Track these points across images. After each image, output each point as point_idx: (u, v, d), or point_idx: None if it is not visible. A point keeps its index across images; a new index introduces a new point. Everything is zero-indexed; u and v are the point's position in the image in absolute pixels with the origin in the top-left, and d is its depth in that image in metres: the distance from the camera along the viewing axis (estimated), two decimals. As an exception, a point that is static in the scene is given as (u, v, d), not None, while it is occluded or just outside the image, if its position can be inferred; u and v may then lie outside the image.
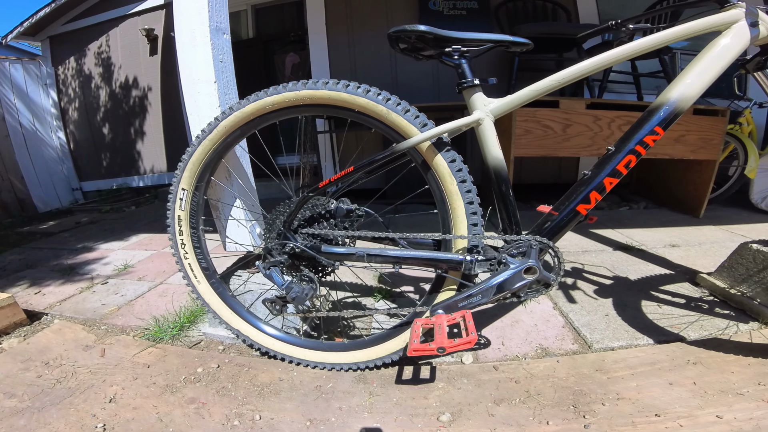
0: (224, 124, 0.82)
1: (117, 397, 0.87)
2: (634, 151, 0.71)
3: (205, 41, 0.97)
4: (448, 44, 0.75)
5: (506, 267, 0.69)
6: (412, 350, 0.62)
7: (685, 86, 0.72)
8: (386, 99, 0.74)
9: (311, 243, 0.77)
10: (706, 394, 0.76)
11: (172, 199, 0.91)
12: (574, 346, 0.97)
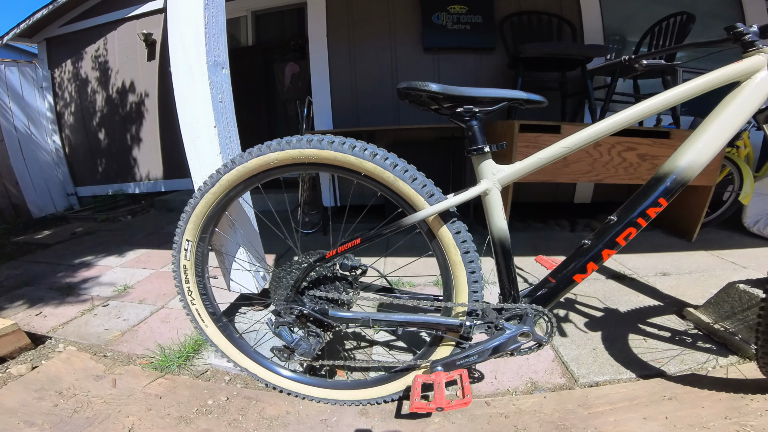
0: (227, 177, 0.85)
1: (135, 428, 0.96)
2: (635, 223, 0.74)
3: (203, 79, 0.98)
4: (460, 104, 0.77)
5: (503, 331, 0.77)
6: (414, 408, 0.70)
7: (695, 152, 0.72)
8: (393, 165, 0.77)
9: (319, 306, 0.84)
10: (675, 428, 0.85)
11: (176, 249, 0.96)
12: (562, 380, 1.06)
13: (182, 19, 0.97)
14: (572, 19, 2.68)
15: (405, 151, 2.58)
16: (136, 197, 3.78)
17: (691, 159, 0.73)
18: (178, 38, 0.98)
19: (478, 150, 0.78)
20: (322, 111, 2.75)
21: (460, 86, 0.76)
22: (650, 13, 2.73)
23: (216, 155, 1.02)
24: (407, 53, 2.71)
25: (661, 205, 0.74)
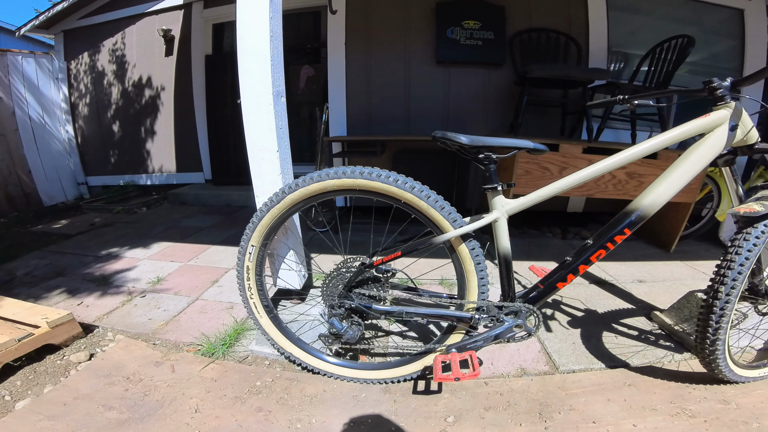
0: (291, 197, 1.08)
1: (200, 408, 1.14)
2: (605, 246, 1.01)
3: (269, 108, 1.19)
4: (482, 151, 1.01)
5: (502, 323, 1.04)
6: (437, 378, 0.98)
7: (656, 195, 0.99)
8: (427, 196, 1.01)
9: (364, 302, 1.10)
10: (631, 408, 1.14)
11: (242, 252, 1.19)
12: (546, 368, 1.35)
13: (251, 54, 1.18)
14: (579, 38, 2.93)
15: (414, 158, 2.86)
16: (146, 189, 3.99)
17: (652, 200, 1.01)
18: (247, 72, 1.19)
19: (493, 188, 1.04)
20: (337, 117, 2.99)
21: (482, 136, 1.02)
22: (654, 32, 2.99)
23: (277, 175, 1.24)
24: (420, 65, 2.94)
25: (625, 234, 1.02)
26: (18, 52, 3.49)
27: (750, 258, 0.99)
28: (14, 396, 1.20)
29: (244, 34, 1.15)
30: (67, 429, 1.04)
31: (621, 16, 3.02)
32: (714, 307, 1.00)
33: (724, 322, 1.00)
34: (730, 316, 1.01)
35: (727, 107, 0.99)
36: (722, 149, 1.02)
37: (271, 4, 1.17)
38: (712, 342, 1.03)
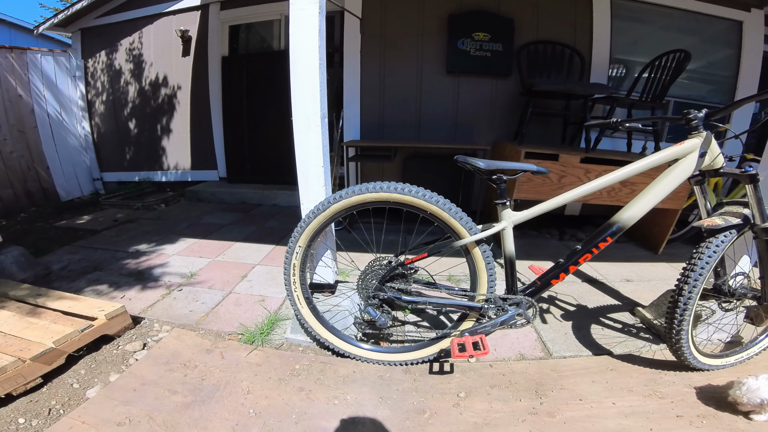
0: (335, 206, 1.30)
1: (251, 389, 1.33)
2: (591, 251, 1.26)
3: (317, 129, 1.39)
4: (496, 173, 1.25)
5: (506, 312, 1.29)
6: (454, 356, 1.22)
7: (634, 211, 1.24)
8: (449, 209, 1.24)
9: (395, 294, 1.34)
10: (612, 389, 1.38)
11: (289, 252, 1.41)
12: (541, 354, 1.60)
13: (302, 79, 1.35)
14: (583, 50, 3.14)
15: (424, 162, 3.09)
16: (161, 185, 4.19)
17: (630, 215, 1.26)
18: (299, 95, 1.37)
19: (503, 203, 1.28)
20: (351, 122, 3.21)
21: (496, 161, 1.25)
22: (655, 43, 3.24)
23: (321, 186, 1.44)
24: (432, 74, 3.15)
25: (607, 241, 1.27)
26: (37, 50, 3.66)
27: (710, 263, 1.22)
28: (82, 384, 1.37)
29: (297, 59, 1.36)
30: (142, 412, 1.22)
31: (625, 26, 3.24)
32: (679, 303, 1.25)
33: (687, 315, 1.25)
34: (692, 311, 1.25)
35: (699, 136, 1.22)
36: (691, 173, 1.26)
37: (320, 34, 1.38)
38: (677, 332, 1.28)
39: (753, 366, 1.46)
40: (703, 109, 1.25)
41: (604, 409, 1.27)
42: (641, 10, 3.23)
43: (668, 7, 3.21)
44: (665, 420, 1.21)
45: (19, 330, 1.43)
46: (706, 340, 1.58)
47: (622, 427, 1.19)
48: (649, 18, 3.30)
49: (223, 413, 1.24)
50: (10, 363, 1.23)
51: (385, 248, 1.65)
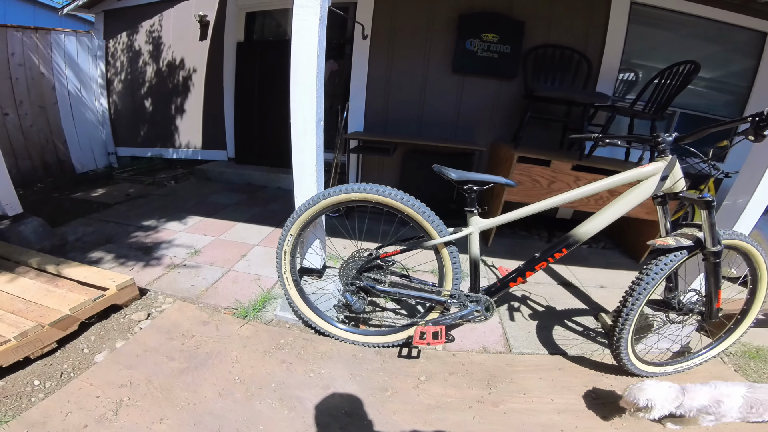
0: (324, 202, 1.46)
1: (239, 359, 1.52)
2: (547, 260, 1.40)
3: (312, 132, 1.53)
4: (467, 183, 1.39)
5: (466, 308, 1.45)
6: (415, 342, 1.40)
7: (591, 226, 1.37)
8: (423, 212, 1.39)
9: (370, 283, 1.51)
10: (555, 387, 1.52)
11: (282, 239, 1.59)
12: (502, 349, 1.76)
13: (301, 87, 1.46)
14: (593, 56, 3.14)
15: (422, 158, 3.21)
16: (172, 162, 4.41)
17: (586, 230, 1.38)
18: (298, 102, 1.49)
19: (471, 211, 1.42)
20: (356, 115, 3.33)
21: (468, 172, 1.38)
22: (670, 52, 3.22)
23: (314, 183, 1.58)
24: (437, 72, 3.22)
25: (563, 252, 1.40)
26: (61, 30, 3.84)
27: (655, 279, 1.33)
28: (91, 349, 1.57)
29: (297, 67, 1.48)
30: (143, 376, 1.41)
31: (641, 33, 3.21)
32: (621, 313, 1.39)
33: (628, 324, 1.39)
34: (633, 321, 1.39)
35: (664, 160, 1.31)
36: (650, 195, 1.36)
37: (318, 45, 1.49)
38: (617, 339, 1.42)
39: (691, 375, 1.61)
40: (674, 133, 1.34)
41: (542, 404, 1.43)
42: (661, 17, 3.19)
43: (691, 15, 3.14)
44: (592, 419, 1.37)
45: (39, 297, 1.64)
46: (655, 348, 1.71)
47: (552, 421, 1.35)
48: (668, 25, 3.26)
49: (212, 379, 1.44)
50: (31, 328, 1.43)
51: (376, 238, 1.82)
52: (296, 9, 1.42)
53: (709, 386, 1.22)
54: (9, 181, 2.27)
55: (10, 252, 2.00)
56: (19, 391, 1.30)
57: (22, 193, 3.45)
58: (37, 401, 1.26)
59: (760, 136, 1.16)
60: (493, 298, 1.49)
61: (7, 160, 3.48)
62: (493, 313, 1.49)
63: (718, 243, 1.31)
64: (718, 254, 1.33)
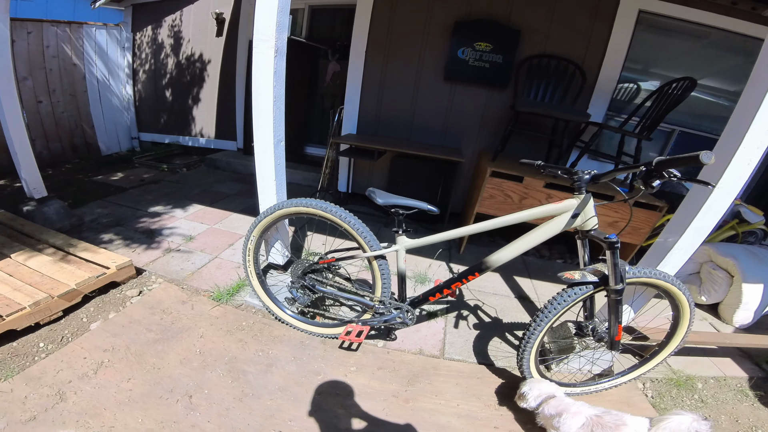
0: (278, 212, 1.73)
1: (204, 334, 1.86)
2: (461, 281, 1.59)
3: (270, 153, 1.81)
4: (393, 207, 1.60)
5: (390, 314, 1.69)
6: (341, 337, 1.67)
7: (503, 254, 1.54)
8: (357, 228, 1.61)
9: (314, 283, 1.79)
10: (466, 393, 1.73)
11: (246, 239, 1.89)
12: (437, 353, 1.99)
13: (261, 113, 1.74)
14: (591, 68, 3.14)
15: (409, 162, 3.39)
16: (188, 149, 4.85)
17: (497, 259, 1.56)
18: (259, 126, 1.79)
19: (397, 231, 1.64)
20: (350, 117, 3.55)
21: (393, 197, 1.60)
22: (677, 66, 3.20)
23: (273, 195, 1.87)
24: (429, 79, 3.35)
25: (476, 275, 1.60)
26: (93, 24, 4.29)
27: (557, 309, 1.49)
28: (89, 318, 1.93)
29: (257, 96, 1.74)
30: (123, 343, 1.76)
31: (647, 45, 3.17)
32: (526, 334, 1.57)
33: (530, 345, 1.57)
34: (536, 342, 1.56)
35: (578, 197, 1.43)
36: (560, 231, 1.49)
37: (275, 76, 1.73)
38: (521, 357, 1.61)
39: (599, 397, 1.77)
40: (593, 171, 1.43)
41: (447, 407, 1.65)
42: (672, 27, 3.12)
43: (702, 25, 3.04)
44: (484, 428, 1.57)
45: (53, 272, 2.04)
46: (577, 369, 1.88)
47: (449, 424, 1.57)
48: (677, 36, 3.18)
49: (178, 349, 1.79)
50: (43, 298, 1.82)
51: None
52: (255, 42, 1.66)
53: (564, 401, 1.41)
54: (36, 169, 2.71)
55: (33, 230, 2.44)
56: (27, 351, 1.68)
57: (51, 173, 4.02)
58: (39, 360, 1.63)
59: (649, 186, 1.27)
60: (415, 308, 1.72)
61: (40, 142, 4.07)
62: (413, 320, 1.73)
63: (621, 281, 1.41)
64: (620, 292, 1.43)
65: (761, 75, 1.48)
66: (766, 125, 1.47)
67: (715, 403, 1.94)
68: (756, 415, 1.89)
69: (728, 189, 1.58)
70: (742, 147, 1.50)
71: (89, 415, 1.38)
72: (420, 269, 2.72)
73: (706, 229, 1.66)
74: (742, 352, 2.36)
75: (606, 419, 1.30)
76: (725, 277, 2.75)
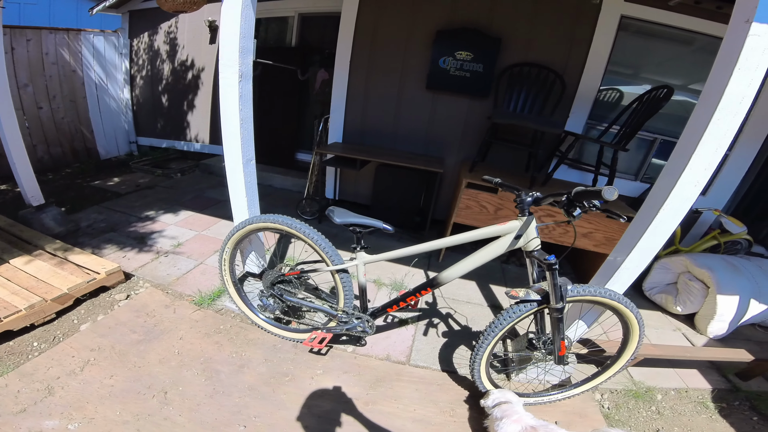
0: (248, 227, 1.91)
1: (184, 336, 2.05)
2: (414, 295, 1.76)
3: (240, 173, 2.00)
4: (351, 226, 1.75)
5: (351, 323, 1.87)
6: (305, 343, 1.86)
7: (452, 272, 1.67)
8: (320, 244, 1.78)
9: (284, 292, 1.97)
10: (424, 399, 1.88)
11: (221, 250, 2.07)
12: (403, 359, 2.15)
13: (231, 135, 1.93)
14: (572, 76, 3.25)
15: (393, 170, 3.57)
16: (184, 154, 5.08)
17: (446, 276, 1.70)
18: (228, 146, 1.98)
19: (355, 248, 1.80)
20: (336, 126, 3.73)
21: (350, 216, 1.77)
22: (661, 72, 3.28)
23: (245, 210, 2.07)
24: (412, 88, 3.50)
25: (428, 290, 1.76)
26: (90, 31, 4.52)
27: (503, 324, 1.63)
28: (79, 320, 2.12)
29: (225, 121, 1.92)
30: (109, 343, 1.96)
31: (629, 51, 3.26)
32: (476, 346, 1.73)
33: (479, 355, 1.72)
34: (485, 353, 1.70)
35: (520, 219, 1.57)
36: (504, 251, 1.62)
37: (240, 99, 1.88)
38: (472, 365, 1.77)
39: (553, 408, 1.91)
40: (535, 194, 1.55)
41: (405, 411, 1.81)
42: (655, 32, 3.19)
43: (689, 31, 3.11)
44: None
45: (48, 277, 2.25)
46: (536, 380, 2.03)
47: (404, 427, 1.72)
48: (661, 42, 3.26)
49: (159, 349, 1.99)
50: (38, 301, 2.03)
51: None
52: (220, 67, 1.84)
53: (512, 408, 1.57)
54: (33, 179, 2.94)
55: (31, 236, 2.67)
56: (22, 350, 1.90)
57: (51, 177, 4.28)
58: (33, 358, 1.84)
59: (570, 215, 1.43)
60: (375, 318, 1.90)
61: (41, 147, 4.33)
62: (373, 329, 1.91)
63: (561, 300, 1.52)
64: (560, 310, 1.55)
65: (708, 98, 1.49)
66: (713, 147, 1.49)
67: (672, 415, 2.03)
68: (712, 427, 1.98)
69: (674, 210, 1.62)
70: (688, 169, 1.53)
71: (73, 407, 1.58)
72: (397, 277, 2.90)
73: (653, 250, 1.72)
74: (711, 364, 2.44)
75: (540, 431, 1.43)
76: (701, 288, 2.87)
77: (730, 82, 1.40)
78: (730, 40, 1.44)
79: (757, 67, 1.38)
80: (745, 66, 1.38)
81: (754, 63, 1.38)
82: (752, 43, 1.36)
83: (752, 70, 1.38)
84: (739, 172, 3.45)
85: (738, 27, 1.40)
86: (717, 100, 1.43)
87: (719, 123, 1.45)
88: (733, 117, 1.44)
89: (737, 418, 2.07)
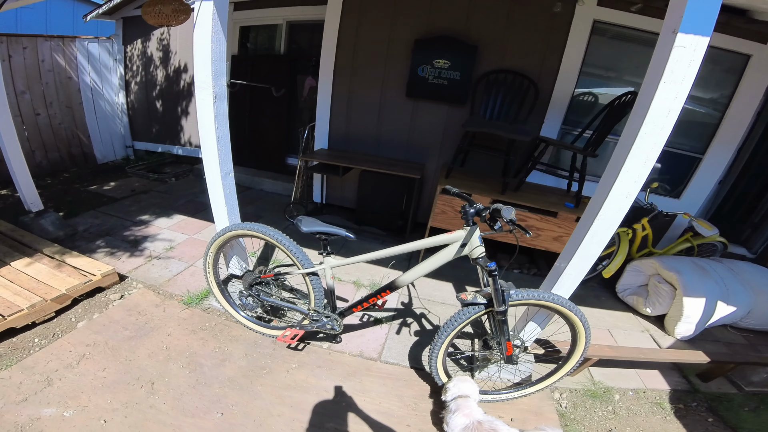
0: (228, 234, 2.14)
1: (172, 333, 2.30)
2: (376, 297, 1.98)
3: (219, 184, 2.22)
4: (317, 234, 1.97)
5: (321, 321, 2.10)
6: (279, 339, 2.10)
7: (408, 276, 1.89)
8: (290, 249, 2.00)
9: (261, 293, 2.21)
10: (389, 393, 2.08)
11: (205, 254, 2.30)
12: (375, 355, 2.37)
13: (209, 150, 2.17)
14: (546, 83, 3.42)
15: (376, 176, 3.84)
16: (179, 158, 5.33)
17: (403, 279, 1.92)
18: (207, 162, 2.20)
19: (322, 253, 2.02)
20: (321, 133, 3.95)
21: (318, 225, 2.00)
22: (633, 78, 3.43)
23: (225, 218, 2.30)
24: (393, 96, 3.70)
25: (387, 293, 1.97)
26: (85, 38, 4.74)
27: (453, 326, 1.82)
28: (77, 318, 2.35)
29: (203, 138, 2.15)
30: (102, 339, 2.20)
31: (602, 56, 3.42)
32: (433, 342, 1.94)
33: (435, 353, 1.93)
34: (439, 351, 1.90)
35: (465, 229, 1.76)
36: (452, 258, 1.80)
37: (216, 119, 2.09)
38: (429, 363, 1.98)
39: (511, 406, 2.10)
40: (478, 205, 1.74)
41: (370, 404, 1.99)
42: (628, 37, 3.33)
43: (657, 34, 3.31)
44: (398, 425, 1.91)
45: (47, 279, 2.50)
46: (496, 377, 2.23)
47: (368, 419, 1.93)
48: (635, 47, 3.40)
49: (148, 345, 2.22)
50: (39, 301, 2.27)
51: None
52: (196, 89, 2.05)
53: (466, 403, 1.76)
54: (33, 187, 3.19)
55: (31, 241, 2.93)
56: (24, 345, 2.14)
57: (49, 182, 4.54)
58: (33, 353, 2.08)
59: (492, 227, 1.65)
60: (343, 317, 2.13)
61: (39, 153, 4.59)
62: (340, 327, 2.14)
63: (504, 304, 1.70)
64: (503, 313, 1.74)
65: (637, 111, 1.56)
66: (641, 160, 1.58)
67: (627, 415, 2.16)
68: (664, 428, 2.11)
69: (609, 221, 1.72)
70: (619, 181, 1.63)
71: (69, 397, 1.82)
72: (376, 279, 3.12)
73: (592, 257, 1.84)
74: (673, 365, 2.59)
75: (485, 426, 1.60)
76: (669, 290, 3.05)
77: (656, 95, 1.42)
78: (658, 51, 1.45)
79: (683, 80, 1.39)
80: (671, 79, 1.39)
81: (680, 76, 1.39)
82: (677, 55, 1.36)
83: (678, 83, 1.40)
84: (714, 176, 3.63)
85: (666, 38, 1.40)
86: (645, 113, 1.47)
87: (646, 137, 1.51)
88: (660, 131, 1.50)
89: (692, 419, 2.18)
